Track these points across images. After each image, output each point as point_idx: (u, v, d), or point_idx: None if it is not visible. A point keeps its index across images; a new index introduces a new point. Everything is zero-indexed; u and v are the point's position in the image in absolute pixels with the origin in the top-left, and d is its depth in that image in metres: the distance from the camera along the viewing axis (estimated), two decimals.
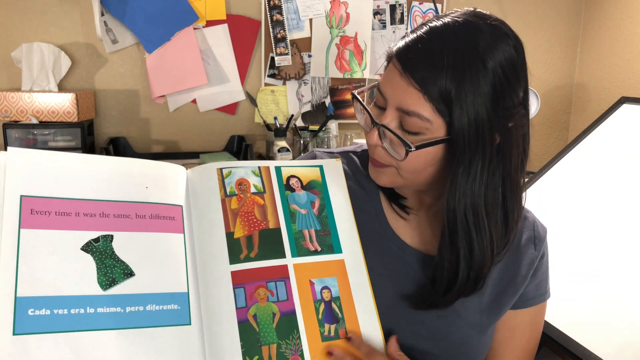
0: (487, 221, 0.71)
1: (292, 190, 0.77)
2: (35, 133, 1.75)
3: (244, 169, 0.76)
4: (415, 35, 0.69)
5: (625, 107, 1.55)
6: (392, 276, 0.79)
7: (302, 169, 0.79)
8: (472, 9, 0.72)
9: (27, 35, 1.92)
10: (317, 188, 0.78)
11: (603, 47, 2.33)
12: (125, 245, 0.64)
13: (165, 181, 0.71)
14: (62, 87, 1.96)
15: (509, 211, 0.73)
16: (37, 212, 0.61)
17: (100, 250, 0.63)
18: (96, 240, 0.63)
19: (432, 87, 0.65)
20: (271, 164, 0.78)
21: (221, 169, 0.75)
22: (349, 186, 0.81)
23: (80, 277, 0.61)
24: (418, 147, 0.67)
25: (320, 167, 0.80)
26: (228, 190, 0.74)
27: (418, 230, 0.82)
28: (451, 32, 0.67)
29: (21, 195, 0.61)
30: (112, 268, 0.63)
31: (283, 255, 0.71)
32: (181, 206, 0.71)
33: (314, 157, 0.85)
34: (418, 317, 0.77)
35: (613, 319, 1.04)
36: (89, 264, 0.62)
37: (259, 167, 0.77)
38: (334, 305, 0.71)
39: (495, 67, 0.66)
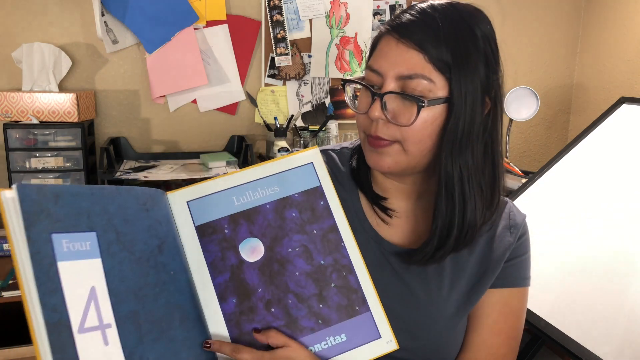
0: (479, 184, 0.74)
1: None
2: (35, 133, 1.76)
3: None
4: (405, 14, 0.73)
5: (625, 107, 1.55)
6: (371, 272, 0.79)
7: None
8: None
9: (28, 36, 1.92)
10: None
11: (603, 47, 2.33)
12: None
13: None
14: (62, 87, 1.96)
15: (497, 177, 0.77)
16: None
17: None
18: None
19: (431, 50, 0.69)
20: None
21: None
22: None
23: None
24: (430, 103, 0.69)
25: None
26: None
27: (399, 226, 0.83)
28: (438, 8, 0.72)
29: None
30: None
31: None
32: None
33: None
34: (395, 311, 0.77)
35: (613, 319, 1.04)
36: None
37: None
38: None
39: (483, 35, 0.71)
